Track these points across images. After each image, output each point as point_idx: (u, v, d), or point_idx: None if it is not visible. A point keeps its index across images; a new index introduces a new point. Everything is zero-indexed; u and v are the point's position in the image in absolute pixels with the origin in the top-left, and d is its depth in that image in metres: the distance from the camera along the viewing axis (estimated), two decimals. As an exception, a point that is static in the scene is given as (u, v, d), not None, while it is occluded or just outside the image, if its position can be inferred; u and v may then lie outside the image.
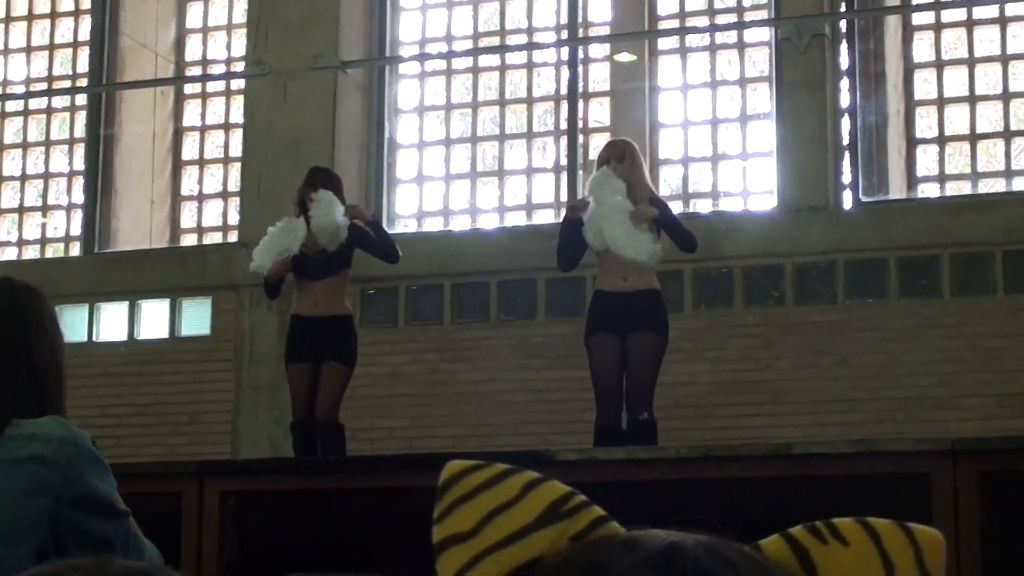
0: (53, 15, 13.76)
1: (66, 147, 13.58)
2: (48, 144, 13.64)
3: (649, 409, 7.86)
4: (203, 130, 13.38)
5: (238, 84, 13.07)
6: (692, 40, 12.23)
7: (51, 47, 13.77)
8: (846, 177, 11.28)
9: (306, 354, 8.57)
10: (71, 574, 0.91)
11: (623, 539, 0.84)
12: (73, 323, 12.06)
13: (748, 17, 12.05)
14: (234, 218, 12.78)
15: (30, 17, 13.82)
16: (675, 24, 12.30)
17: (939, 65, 11.68)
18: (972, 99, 11.56)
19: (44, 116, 13.71)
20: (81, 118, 13.42)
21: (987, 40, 11.65)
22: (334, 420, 8.51)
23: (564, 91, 12.31)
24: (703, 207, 11.82)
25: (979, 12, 11.62)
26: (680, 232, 8.18)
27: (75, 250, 13.14)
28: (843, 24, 11.53)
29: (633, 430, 7.78)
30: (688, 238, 8.18)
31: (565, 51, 12.38)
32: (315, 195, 8.59)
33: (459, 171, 12.54)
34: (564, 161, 12.16)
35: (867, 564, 0.85)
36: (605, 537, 0.85)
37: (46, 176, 13.57)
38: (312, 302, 8.58)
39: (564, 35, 12.41)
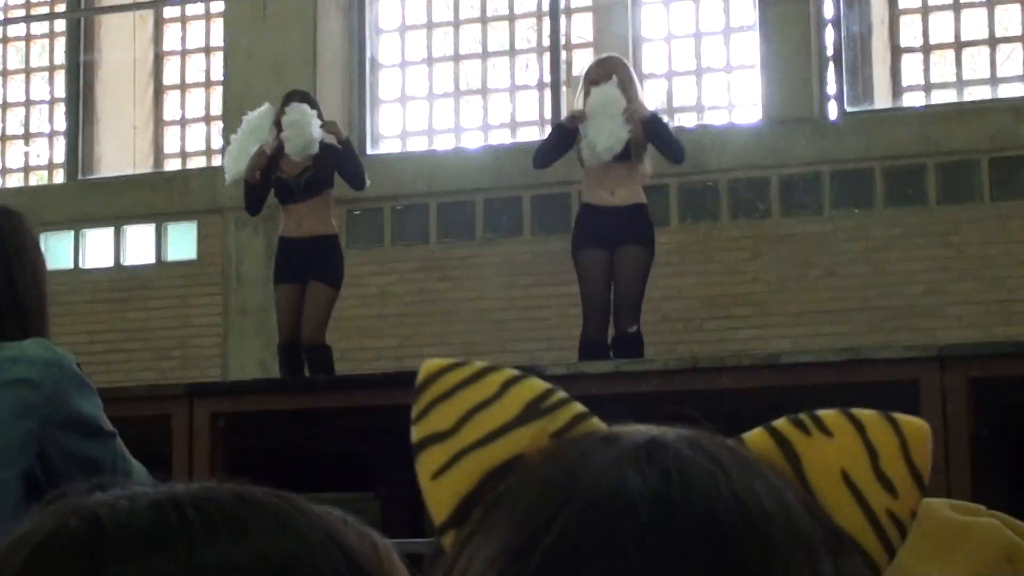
0: (29, -60, 13.63)
1: (47, 74, 13.49)
2: (28, 71, 13.55)
3: (637, 323, 7.87)
4: (184, 54, 13.29)
5: (218, 7, 12.96)
6: (674, -48, 12.13)
7: (28, -27, 13.65)
8: (831, 88, 11.24)
9: (292, 275, 8.55)
10: (70, 521, 0.86)
11: (603, 435, 0.83)
12: (58, 250, 12.03)
13: (730, -72, 11.95)
14: (217, 142, 12.71)
15: (5, -57, 13.69)
16: (657, -64, 12.19)
17: (923, -28, 11.61)
18: (957, 6, 11.50)
19: (23, 43, 13.61)
20: (61, 44, 13.33)
21: (971, -54, 11.57)
22: (320, 341, 8.49)
23: (546, 7, 12.22)
24: (687, 121, 11.77)
25: (963, -82, 11.53)
26: (670, 140, 8.12)
27: (59, 177, 13.09)
28: (826, -67, 11.43)
29: (621, 343, 7.79)
30: (677, 147, 8.13)
31: (546, -34, 12.28)
32: (289, 108, 8.54)
33: (442, 90, 12.47)
34: (547, 78, 12.10)
35: (851, 454, 0.84)
36: (586, 433, 0.84)
37: (27, 104, 13.48)
38: (296, 223, 8.56)
39: (545, -50, 12.31)
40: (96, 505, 0.84)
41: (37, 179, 13.35)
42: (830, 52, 11.28)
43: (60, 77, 13.26)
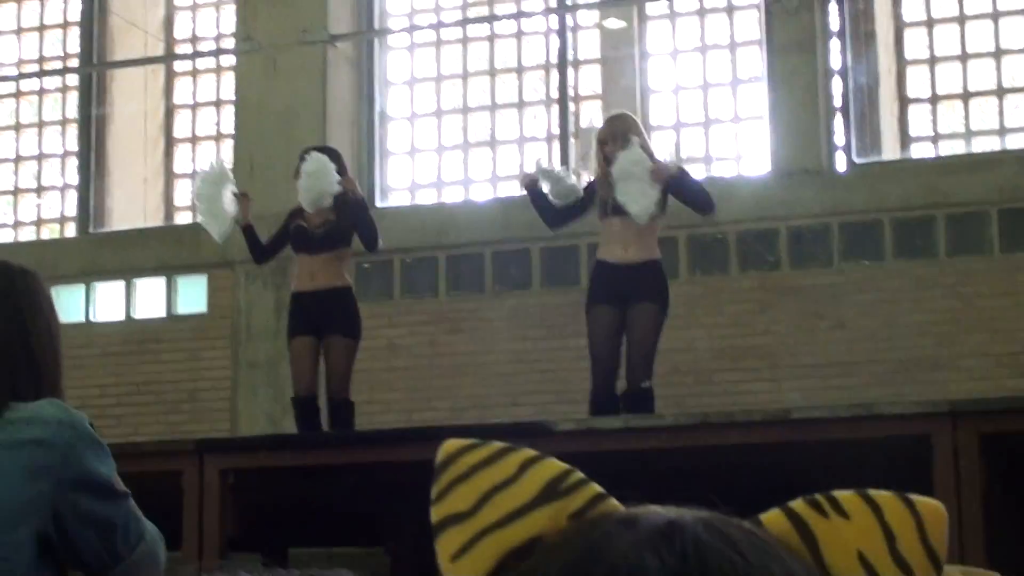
0: (42, -5, 13.73)
1: (59, 127, 13.56)
2: (41, 125, 13.62)
3: (650, 378, 7.86)
4: (194, 107, 13.36)
5: (228, 60, 13.04)
6: (681, 5, 12.20)
7: (41, 28, 13.74)
8: (839, 139, 11.27)
9: (307, 328, 8.38)
10: None
11: (622, 517, 0.84)
12: (69, 303, 12.05)
13: (738, -19, 12.02)
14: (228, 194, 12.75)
15: (19, -2, 13.79)
16: (664, -11, 12.26)
17: (930, 23, 11.65)
18: (964, 57, 11.54)
19: (36, 97, 13.69)
20: (73, 98, 13.40)
21: (978, -2, 11.62)
22: (345, 396, 8.36)
23: (554, 59, 12.28)
24: (696, 172, 11.78)
25: (969, -30, 11.59)
26: (698, 192, 8.10)
27: (70, 230, 13.14)
28: (833, -15, 11.49)
29: (632, 398, 7.77)
30: (705, 199, 8.09)
31: (554, 19, 12.35)
32: (309, 156, 8.50)
33: (451, 142, 12.52)
34: (556, 129, 12.14)
35: (869, 537, 0.85)
36: (604, 515, 0.85)
37: (40, 157, 13.55)
38: (309, 276, 8.41)
39: (552, 3, 12.38)
40: None
41: (49, 232, 13.39)
42: (838, 103, 11.31)
43: (72, 130, 13.33)
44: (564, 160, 11.77)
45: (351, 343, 8.43)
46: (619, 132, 8.05)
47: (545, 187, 8.26)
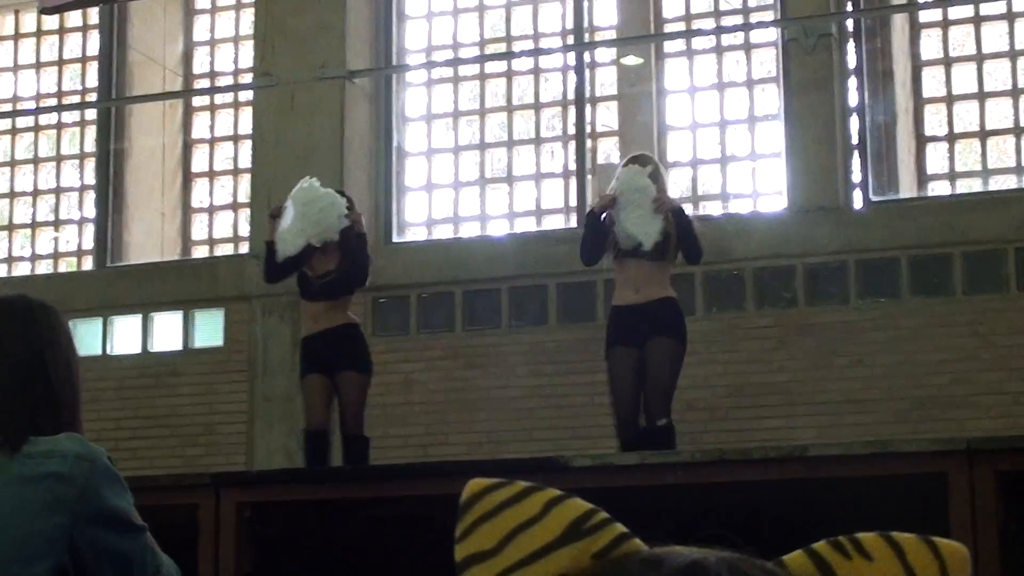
0: (62, 31, 13.80)
1: (77, 162, 13.61)
2: (59, 159, 13.68)
3: (667, 415, 7.82)
4: (212, 142, 13.41)
5: (246, 96, 13.09)
6: (699, 42, 12.23)
7: (60, 63, 13.82)
8: (856, 176, 11.27)
9: (319, 367, 8.43)
10: None
11: (646, 557, 0.84)
12: (86, 337, 12.08)
13: (754, 18, 12.05)
14: (245, 229, 12.80)
15: (39, 33, 13.86)
16: (681, 26, 12.30)
17: (947, 62, 11.67)
18: (981, 95, 11.55)
19: (55, 131, 13.75)
20: (91, 133, 13.46)
21: (995, 36, 11.64)
22: (359, 431, 8.41)
23: (571, 96, 12.31)
24: (713, 209, 11.82)
25: (986, 8, 11.61)
26: (692, 239, 8.09)
27: (87, 264, 13.17)
28: (850, 23, 11.52)
29: (651, 435, 7.74)
30: (696, 248, 8.09)
31: (572, 56, 12.38)
32: (310, 185, 8.50)
33: (468, 178, 12.54)
34: (573, 166, 12.16)
35: (891, 578, 0.85)
36: (628, 554, 0.85)
37: (58, 191, 13.60)
38: (313, 321, 8.47)
39: (570, 40, 12.42)
40: None
41: (66, 266, 13.43)
42: (855, 141, 11.32)
43: (90, 165, 13.38)
44: (580, 196, 11.78)
45: (363, 377, 8.45)
46: (640, 162, 8.08)
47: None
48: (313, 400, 8.49)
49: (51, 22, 13.79)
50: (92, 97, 13.52)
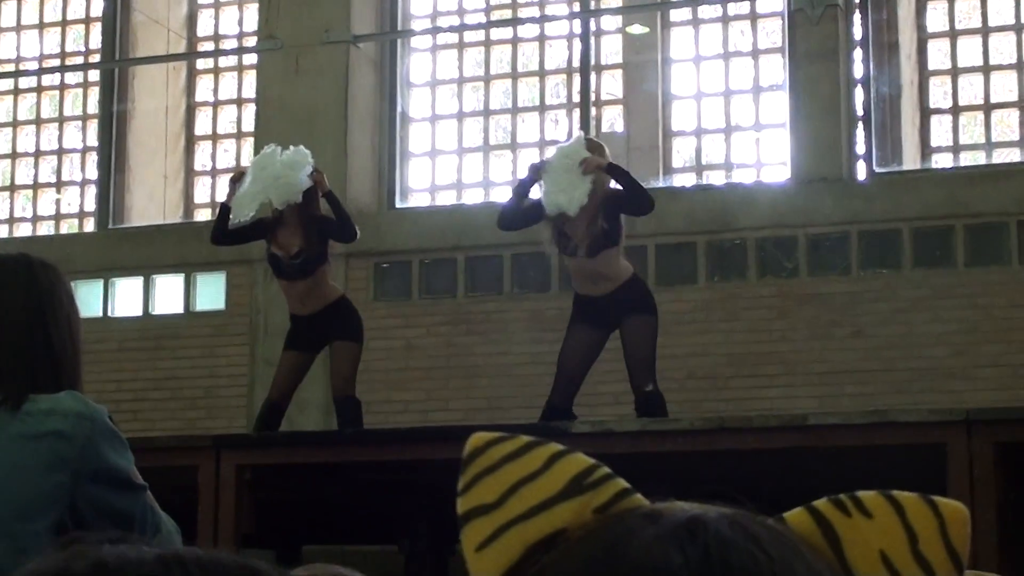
0: (65, -9, 13.77)
1: (79, 123, 13.59)
2: (62, 120, 13.65)
3: (652, 381, 7.79)
4: (216, 105, 13.38)
5: (250, 59, 13.06)
6: (704, 11, 12.19)
7: (64, 23, 13.78)
8: (859, 148, 11.26)
9: (304, 345, 8.55)
10: (81, 550, 0.92)
11: (646, 511, 0.85)
12: (88, 298, 12.08)
13: (761, -12, 12.01)
14: (247, 193, 12.77)
15: (42, -7, 13.83)
16: (687, -5, 12.26)
17: (953, 35, 11.64)
18: (986, 68, 11.52)
19: (57, 92, 13.73)
20: (94, 94, 13.43)
21: (1001, 9, 11.60)
22: (350, 394, 8.49)
23: (576, 63, 12.29)
24: (716, 179, 11.81)
25: (993, -19, 11.57)
26: (634, 189, 7.89)
27: (89, 226, 13.16)
28: (856, -6, 11.48)
29: (641, 404, 7.76)
30: (642, 197, 7.85)
31: (577, 23, 12.35)
32: (288, 151, 8.45)
33: (471, 144, 12.53)
34: (577, 133, 12.13)
35: (891, 537, 0.85)
36: (628, 510, 0.86)
37: (60, 152, 13.59)
38: (299, 302, 8.53)
39: (576, 7, 12.38)
40: (104, 553, 0.88)
41: (68, 227, 13.43)
42: (859, 112, 11.30)
43: (93, 126, 13.36)
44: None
45: (355, 346, 8.53)
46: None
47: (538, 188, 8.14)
48: (282, 376, 8.65)
49: (55, -18, 13.76)
50: (95, 58, 13.49)
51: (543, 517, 0.86)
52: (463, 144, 12.53)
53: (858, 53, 11.38)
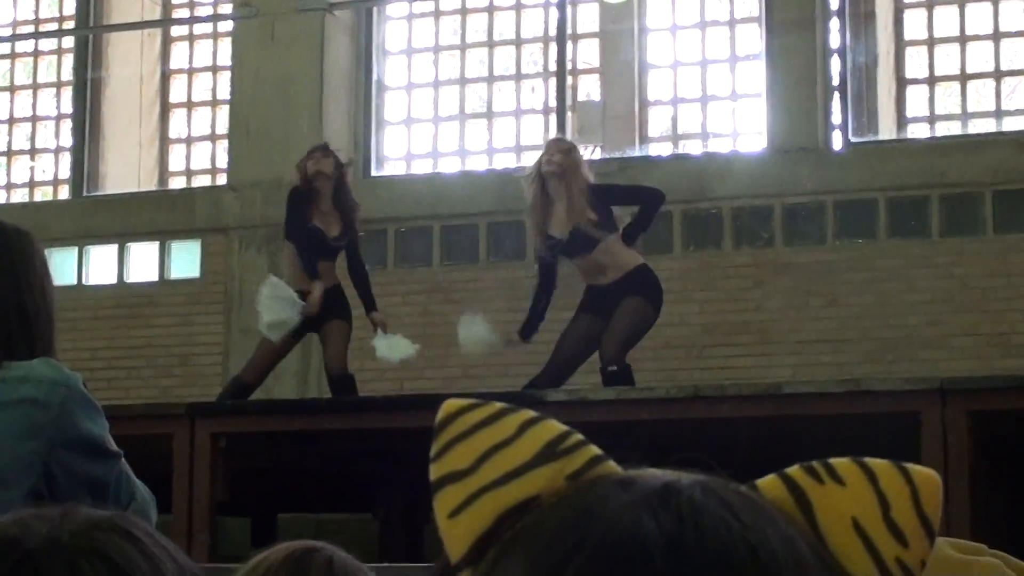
0: (38, -43, 13.68)
1: (54, 90, 13.53)
2: (35, 87, 13.58)
3: (619, 362, 7.78)
4: (191, 72, 13.33)
5: (225, 26, 13.00)
6: (681, -20, 12.17)
7: (37, -11, 13.70)
8: (836, 118, 11.27)
9: (301, 326, 8.68)
10: (34, 522, 0.93)
11: (619, 478, 0.84)
12: (62, 266, 12.04)
13: (738, -43, 12.00)
14: (223, 161, 12.75)
15: (15, -42, 13.74)
16: (664, -36, 12.24)
17: (929, 5, 11.64)
18: (962, 39, 11.54)
19: (31, 59, 13.65)
20: (68, 61, 13.37)
21: (978, -21, 11.61)
22: (344, 370, 8.68)
23: (553, 32, 12.26)
24: (693, 148, 11.81)
25: (970, -49, 11.58)
26: (634, 196, 8.23)
27: (63, 193, 13.12)
28: (833, -37, 11.48)
29: (604, 381, 7.75)
30: (650, 202, 8.15)
31: (554, -9, 12.32)
32: (267, 284, 8.61)
33: (447, 113, 12.50)
34: (553, 102, 12.13)
35: (863, 504, 0.85)
36: (602, 476, 0.85)
37: (34, 119, 13.52)
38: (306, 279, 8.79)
39: (553, -25, 12.35)
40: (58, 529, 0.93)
41: (42, 195, 13.37)
42: (836, 82, 11.31)
43: (67, 93, 13.30)
44: (561, 133, 11.75)
45: (347, 325, 8.85)
46: (557, 154, 8.11)
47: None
48: (259, 358, 8.71)
49: (29, -52, 13.67)
50: (70, 25, 13.41)
51: (516, 483, 0.86)
52: (439, 113, 12.51)
53: (834, 23, 11.38)
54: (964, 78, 11.54)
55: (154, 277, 12.35)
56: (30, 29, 13.65)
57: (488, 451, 0.87)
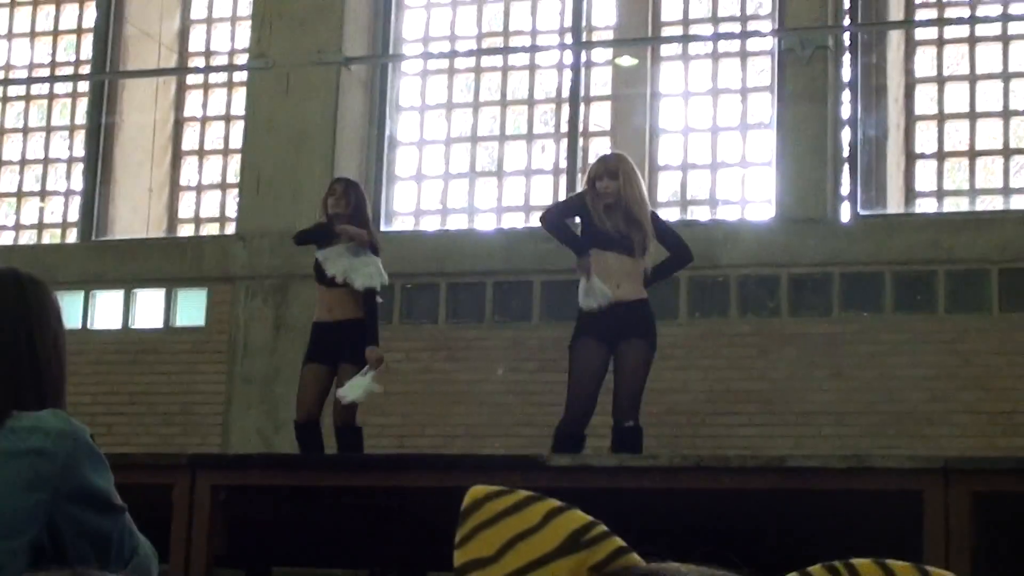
0: (58, 1, 13.76)
1: (67, 133, 13.57)
2: (49, 129, 13.63)
3: (635, 417, 7.79)
4: (204, 121, 13.38)
5: (240, 76, 13.06)
6: (695, 47, 12.24)
7: (55, 33, 13.77)
8: (844, 189, 11.29)
9: (323, 356, 8.70)
10: None
11: (643, 572, 0.85)
12: (68, 310, 12.04)
13: (751, 26, 12.07)
14: (232, 210, 12.78)
15: (35, 2, 13.82)
16: (678, 31, 12.31)
17: (940, 80, 11.70)
18: (972, 115, 11.58)
19: (46, 101, 13.71)
20: (83, 105, 13.42)
21: (989, 57, 11.67)
22: (352, 422, 8.64)
23: (565, 94, 12.31)
24: (701, 214, 11.83)
25: (981, 29, 11.65)
26: (676, 264, 8.30)
27: (72, 236, 13.13)
28: (846, 36, 11.54)
29: (618, 437, 7.73)
30: (680, 259, 8.22)
31: (568, 54, 12.39)
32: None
33: (458, 170, 12.54)
34: (563, 163, 12.16)
35: (884, 605, 0.86)
36: (625, 568, 0.86)
37: (45, 161, 13.56)
38: (327, 309, 8.74)
39: (567, 38, 12.42)
40: None
41: (50, 237, 13.39)
42: (845, 154, 11.35)
43: (80, 137, 13.34)
44: (571, 191, 11.78)
45: (357, 370, 8.64)
46: (606, 171, 8.03)
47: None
48: (304, 393, 8.74)
49: (48, -8, 13.76)
50: (85, 69, 13.48)
51: (540, 573, 0.86)
52: (450, 170, 12.54)
53: (846, 95, 11.43)
54: (973, 154, 11.57)
55: (159, 324, 12.35)
56: (46, 72, 13.72)
57: (512, 539, 0.88)
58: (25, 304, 2.94)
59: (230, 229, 12.64)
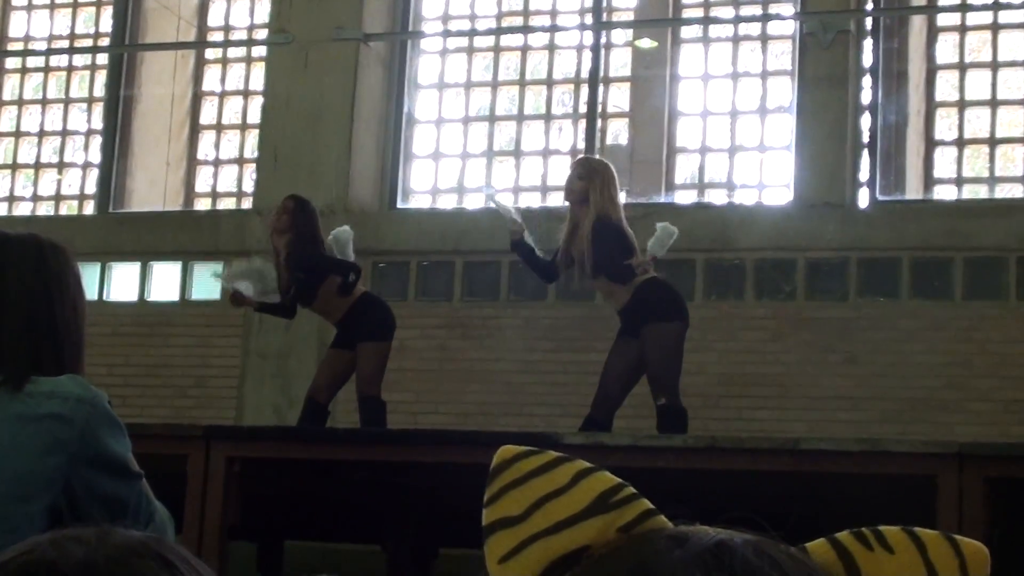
0: (78, -27, 13.76)
1: (85, 105, 13.59)
2: (67, 102, 13.65)
3: (667, 395, 7.91)
4: (222, 95, 13.38)
5: (259, 51, 13.06)
6: (715, 30, 12.21)
7: (75, 5, 13.78)
8: (863, 175, 11.27)
9: (343, 343, 8.95)
10: (70, 545, 0.94)
11: (672, 534, 0.85)
12: (84, 282, 12.04)
13: (773, 10, 12.03)
14: (249, 185, 12.79)
15: (55, -26, 13.82)
16: (699, 13, 12.28)
17: (962, 67, 11.66)
18: (993, 103, 11.54)
19: (64, 74, 13.72)
20: (101, 77, 13.43)
21: (1011, 45, 11.63)
22: (372, 393, 8.79)
23: (585, 74, 12.30)
24: (718, 198, 11.81)
25: (1005, 16, 11.60)
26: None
27: (89, 208, 13.16)
28: (868, 21, 11.50)
29: (657, 416, 7.93)
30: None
31: (588, 35, 12.36)
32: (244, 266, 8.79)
33: (476, 149, 12.53)
34: (581, 144, 12.15)
35: (912, 573, 0.86)
36: (654, 530, 0.86)
37: (64, 133, 13.58)
38: (327, 315, 9.07)
39: (587, 19, 12.40)
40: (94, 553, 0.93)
41: (67, 209, 13.42)
42: (865, 139, 11.32)
43: (98, 109, 13.36)
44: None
45: (376, 345, 8.91)
46: (579, 175, 8.32)
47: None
48: (320, 372, 9.01)
49: (69, -36, 13.76)
50: (104, 42, 13.48)
51: (567, 533, 0.86)
52: (467, 148, 12.54)
53: (867, 80, 11.40)
54: (993, 142, 11.54)
55: (175, 297, 12.38)
56: (65, 44, 13.73)
57: (541, 499, 0.88)
58: (46, 270, 2.95)
59: (247, 204, 12.66)
